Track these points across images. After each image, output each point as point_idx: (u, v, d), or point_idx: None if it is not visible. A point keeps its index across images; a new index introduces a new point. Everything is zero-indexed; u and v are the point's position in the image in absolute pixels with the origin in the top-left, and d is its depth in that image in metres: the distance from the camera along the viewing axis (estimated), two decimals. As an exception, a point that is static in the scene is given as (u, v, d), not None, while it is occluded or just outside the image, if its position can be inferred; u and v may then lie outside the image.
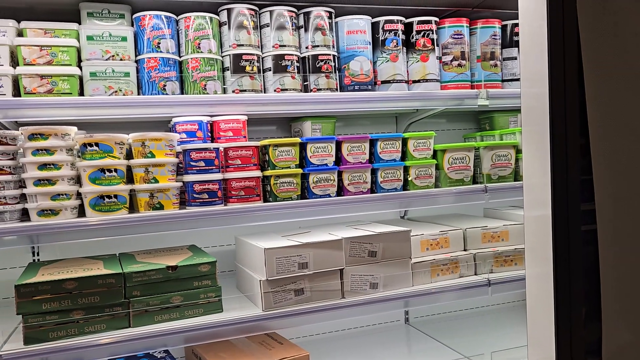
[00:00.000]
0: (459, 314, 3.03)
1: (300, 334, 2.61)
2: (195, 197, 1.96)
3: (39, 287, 1.76)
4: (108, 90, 1.85)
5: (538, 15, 1.43)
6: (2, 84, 1.73)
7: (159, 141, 1.89)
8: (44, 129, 1.77)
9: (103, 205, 1.84)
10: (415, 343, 2.65)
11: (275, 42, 2.06)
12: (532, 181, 1.47)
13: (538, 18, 1.41)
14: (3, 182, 1.75)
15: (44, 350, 1.73)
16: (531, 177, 1.48)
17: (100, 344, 1.79)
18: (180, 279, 1.94)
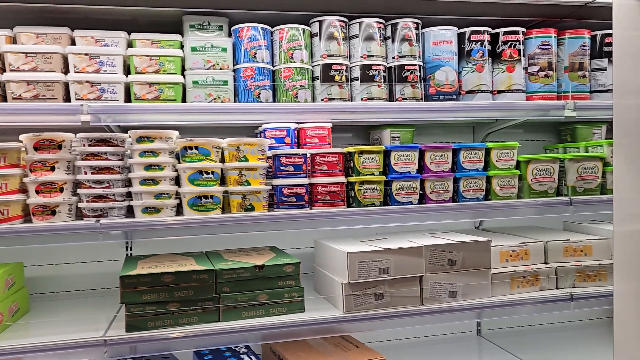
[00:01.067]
0: (533, 328, 2.97)
1: (372, 339, 2.64)
2: (283, 200, 2.04)
3: (141, 279, 1.90)
4: (208, 97, 1.98)
5: (633, 24, 1.41)
6: (116, 90, 1.88)
7: (252, 146, 2.00)
8: (151, 132, 1.91)
9: (200, 205, 1.96)
10: (488, 355, 2.63)
11: (364, 52, 2.12)
12: (623, 195, 1.44)
13: (633, 28, 1.40)
14: (113, 181, 1.91)
15: (143, 338, 1.86)
16: (622, 190, 1.45)
17: (192, 336, 1.89)
18: (267, 278, 2.02)
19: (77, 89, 1.86)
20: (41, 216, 1.85)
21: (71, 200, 1.89)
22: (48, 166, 1.85)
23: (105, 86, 1.87)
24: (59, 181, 1.86)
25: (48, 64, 1.84)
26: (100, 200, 1.89)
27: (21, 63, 1.83)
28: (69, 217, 1.90)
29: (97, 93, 1.87)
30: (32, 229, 1.81)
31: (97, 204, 1.89)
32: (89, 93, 1.86)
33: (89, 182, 1.88)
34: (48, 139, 1.85)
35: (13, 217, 1.83)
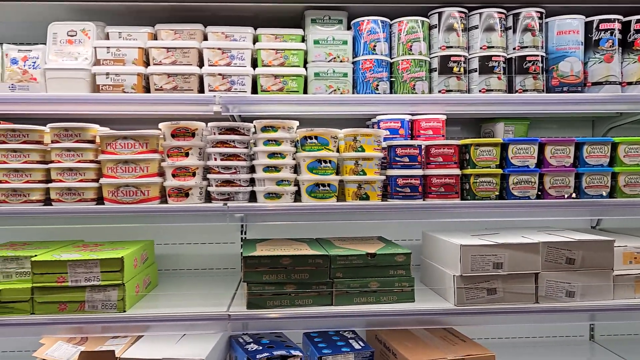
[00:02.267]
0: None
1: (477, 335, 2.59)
2: (398, 190, 2.07)
3: (262, 260, 2.02)
4: (328, 89, 2.05)
5: None
6: (244, 82, 2.01)
7: (369, 137, 2.04)
8: (275, 122, 2.02)
9: (318, 193, 2.04)
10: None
11: (483, 43, 2.09)
12: None
13: None
14: (239, 167, 2.04)
15: (263, 315, 1.98)
16: None
17: (306, 317, 1.98)
18: (378, 266, 2.07)
19: (210, 81, 2.00)
20: (176, 198, 2.03)
21: (202, 184, 2.05)
22: (183, 152, 2.02)
23: (235, 78, 2.00)
24: (192, 166, 2.02)
25: (186, 58, 2.00)
26: (228, 185, 2.03)
27: (163, 57, 2.00)
28: (200, 199, 2.05)
29: (227, 85, 2.01)
30: (168, 209, 1.99)
31: (225, 188, 2.03)
32: (220, 85, 2.00)
33: (218, 167, 2.03)
34: (184, 127, 2.01)
35: (152, 198, 2.01)
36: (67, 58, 1.99)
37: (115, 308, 1.95)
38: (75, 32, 2.01)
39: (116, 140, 1.98)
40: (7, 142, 1.97)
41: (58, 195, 1.98)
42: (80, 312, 1.94)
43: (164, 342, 2.05)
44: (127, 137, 1.98)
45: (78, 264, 1.93)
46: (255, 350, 2.03)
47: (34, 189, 1.98)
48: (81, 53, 2.00)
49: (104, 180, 1.98)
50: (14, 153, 1.97)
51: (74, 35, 2.01)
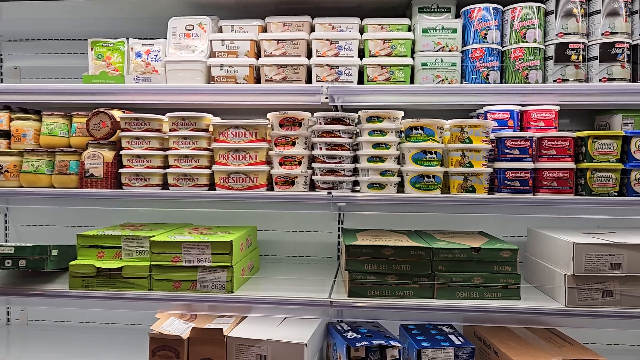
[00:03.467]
0: None
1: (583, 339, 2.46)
2: (506, 183, 2.00)
3: (363, 249, 2.03)
4: (436, 79, 2.02)
5: None
6: (351, 72, 2.02)
7: (477, 128, 1.99)
8: (380, 112, 2.02)
9: (422, 184, 2.02)
10: None
11: (606, 29, 1.96)
12: None
13: None
14: (343, 157, 2.06)
15: (364, 304, 1.99)
16: None
17: (406, 308, 1.97)
18: (482, 261, 2.01)
19: (318, 71, 2.04)
20: (282, 185, 2.09)
21: (307, 173, 2.09)
22: (290, 141, 2.08)
23: (343, 69, 2.02)
24: (299, 155, 2.07)
25: (295, 49, 2.05)
26: (332, 174, 2.06)
27: (273, 49, 2.07)
28: (304, 187, 2.10)
29: (334, 75, 2.03)
30: (275, 196, 2.05)
31: (329, 178, 2.06)
32: (328, 75, 2.03)
33: (323, 157, 2.06)
34: (291, 117, 2.06)
35: (260, 185, 2.09)
36: (185, 51, 2.11)
37: (224, 289, 2.05)
38: (192, 26, 2.12)
39: (228, 129, 2.07)
40: (131, 130, 2.13)
41: (175, 180, 2.12)
42: (192, 290, 2.06)
43: (266, 324, 2.13)
44: (238, 127, 2.07)
45: (191, 245, 2.04)
46: (355, 339, 2.05)
47: (153, 174, 2.13)
48: (198, 46, 2.11)
49: (216, 167, 2.09)
50: (137, 140, 2.13)
51: (191, 29, 2.12)
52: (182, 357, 2.02)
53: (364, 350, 2.02)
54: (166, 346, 2.04)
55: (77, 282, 2.08)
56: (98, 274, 2.07)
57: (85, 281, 2.08)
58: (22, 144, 2.25)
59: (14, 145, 2.27)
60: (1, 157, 2.20)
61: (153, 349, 2.03)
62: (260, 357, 1.99)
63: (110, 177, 2.13)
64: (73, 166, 2.15)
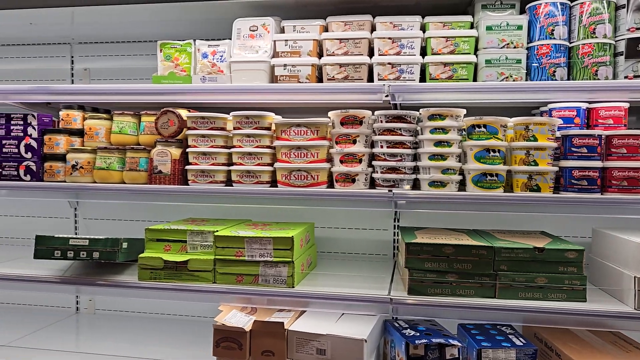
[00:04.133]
0: None
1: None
2: (573, 183, 1.96)
3: (424, 247, 2.03)
4: (500, 76, 2.00)
5: None
6: (413, 70, 2.03)
7: (542, 125, 1.96)
8: (443, 110, 2.02)
9: (484, 182, 2.01)
10: None
11: (682, 23, 1.89)
12: None
13: None
14: (404, 155, 2.07)
15: (424, 302, 2.00)
16: None
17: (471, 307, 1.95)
18: (546, 261, 1.98)
19: (379, 70, 2.05)
20: (343, 183, 2.12)
21: (367, 170, 2.11)
22: (351, 139, 2.10)
23: (404, 67, 2.03)
24: (359, 153, 2.09)
25: (357, 48, 2.07)
26: (393, 172, 2.08)
27: (336, 48, 2.10)
28: (365, 185, 2.13)
29: (396, 74, 2.04)
30: (337, 193, 2.08)
31: (390, 175, 2.08)
32: (389, 74, 2.05)
33: (384, 155, 2.08)
34: (353, 115, 2.09)
35: (321, 182, 2.13)
36: (249, 51, 2.17)
37: (284, 283, 2.10)
38: (256, 27, 2.18)
39: (290, 128, 2.12)
40: (197, 129, 2.21)
41: (238, 177, 2.18)
42: (254, 284, 2.12)
43: (324, 319, 2.16)
44: (300, 125, 2.11)
45: (254, 240, 2.10)
46: (413, 336, 2.06)
47: (218, 171, 2.20)
48: (261, 46, 2.16)
49: (278, 165, 2.14)
50: (202, 138, 2.20)
51: (255, 30, 2.18)
52: (245, 348, 2.08)
53: (423, 348, 2.02)
54: (229, 338, 2.10)
55: (145, 274, 2.17)
56: (165, 266, 2.16)
57: (153, 273, 2.17)
58: (95, 142, 2.37)
59: (87, 142, 2.39)
60: (76, 154, 2.32)
61: (217, 340, 2.10)
62: (320, 351, 2.02)
63: (177, 173, 2.22)
64: (143, 163, 2.25)
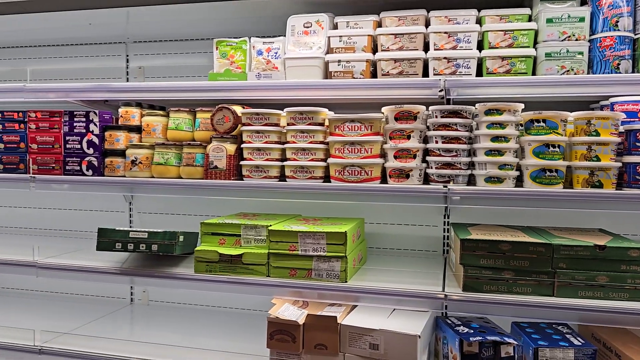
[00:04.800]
0: None
1: None
2: (637, 179, 1.90)
3: (479, 244, 2.01)
4: (560, 69, 1.95)
5: None
6: (469, 65, 2.01)
7: (605, 120, 1.90)
8: (500, 105, 1.99)
9: (543, 178, 1.97)
10: None
11: None
12: None
13: None
14: (460, 150, 2.05)
15: (479, 299, 1.98)
16: None
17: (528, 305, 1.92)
18: (607, 259, 1.92)
19: (435, 65, 2.04)
20: (397, 178, 2.12)
21: (421, 166, 2.11)
22: (405, 135, 2.10)
23: (461, 62, 2.01)
24: (414, 148, 2.09)
25: (412, 43, 2.06)
26: (448, 167, 2.06)
27: (390, 43, 2.09)
28: (419, 181, 2.12)
29: (452, 68, 2.03)
30: (391, 189, 2.08)
31: (445, 171, 2.06)
32: (445, 68, 2.03)
33: (439, 150, 2.06)
34: (407, 110, 2.08)
35: (374, 178, 2.13)
36: (303, 48, 2.19)
37: (337, 278, 2.11)
38: (310, 24, 2.20)
39: (344, 123, 2.13)
40: (252, 125, 2.25)
41: (292, 172, 2.21)
42: (307, 278, 2.14)
43: (376, 315, 2.16)
44: (354, 120, 2.11)
45: (307, 235, 2.12)
46: (467, 333, 2.04)
47: (272, 166, 2.24)
48: (315, 42, 2.18)
49: (331, 160, 2.15)
50: (257, 134, 2.24)
51: (309, 27, 2.20)
52: (298, 342, 2.11)
53: (477, 345, 2.00)
54: (283, 330, 2.14)
55: (201, 267, 2.23)
56: (220, 259, 2.21)
57: (209, 266, 2.23)
58: (152, 138, 2.45)
59: (145, 139, 2.47)
60: (135, 149, 2.40)
61: (271, 333, 2.13)
62: (373, 346, 2.03)
63: (232, 168, 2.26)
64: (199, 158, 2.31)
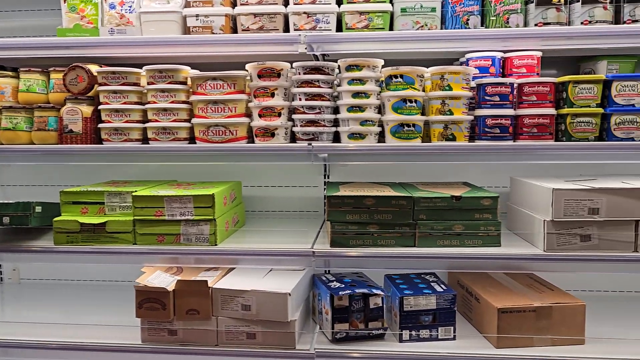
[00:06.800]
0: None
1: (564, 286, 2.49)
2: (486, 131, 2.00)
3: (345, 199, 2.04)
4: (415, 25, 1.98)
5: None
6: (329, 20, 1.99)
7: (457, 75, 1.97)
8: (359, 60, 1.99)
9: (402, 133, 2.01)
10: None
11: (588, -31, 1.92)
12: None
13: None
14: (323, 107, 2.05)
15: (345, 253, 2.02)
16: None
17: (388, 257, 1.99)
18: (463, 209, 2.03)
19: (295, 20, 2.00)
20: (262, 137, 2.08)
21: (287, 124, 2.08)
22: (269, 92, 2.05)
23: (320, 16, 1.99)
24: (278, 106, 2.05)
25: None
26: (312, 125, 2.05)
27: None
28: (285, 139, 2.10)
29: (312, 23, 2.00)
30: (255, 148, 2.05)
31: (309, 129, 2.05)
32: (305, 23, 2.00)
33: (303, 107, 2.05)
34: (270, 67, 2.04)
35: (240, 137, 2.08)
36: (159, 1, 2.06)
37: (207, 241, 2.07)
38: (166, -24, 2.07)
39: (206, 82, 2.05)
40: (109, 84, 2.11)
41: (154, 134, 2.11)
42: (176, 244, 2.08)
43: (251, 276, 2.16)
44: (216, 78, 2.04)
45: (173, 199, 2.05)
46: (338, 288, 2.09)
47: (132, 129, 2.12)
48: (172, -4, 2.06)
49: (195, 120, 2.07)
50: (114, 94, 2.10)
51: (165, -21, 2.07)
52: (168, 308, 2.05)
53: (347, 298, 2.05)
54: (152, 298, 2.07)
55: (62, 238, 2.09)
56: (82, 229, 2.08)
57: (70, 237, 2.09)
58: (0, 102, 2.23)
59: (-8, 103, 2.25)
60: (-21, 114, 2.18)
61: (139, 302, 2.06)
62: (245, 307, 2.02)
63: (90, 132, 2.12)
64: (52, 122, 2.14)
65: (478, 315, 2.16)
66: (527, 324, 2.00)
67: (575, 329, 2.03)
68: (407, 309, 2.05)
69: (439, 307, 2.06)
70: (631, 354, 1.91)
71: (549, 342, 2.01)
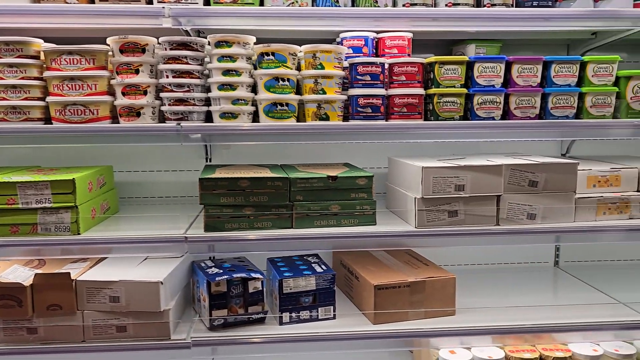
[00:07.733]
0: (617, 264, 2.80)
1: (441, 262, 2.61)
2: (359, 110, 2.01)
3: (219, 182, 1.97)
4: (286, 1, 1.94)
5: None
6: (195, -7, 1.88)
7: (329, 53, 1.95)
8: (229, 36, 1.91)
9: (276, 112, 1.97)
10: (564, 286, 2.53)
11: (451, -50, 1.97)
12: None
13: None
14: (193, 85, 1.95)
15: (220, 237, 1.95)
16: None
17: (266, 239, 1.95)
18: (339, 189, 2.03)
19: (158, -9, 1.88)
20: (127, 117, 1.95)
21: (154, 103, 1.96)
22: (133, 69, 1.92)
23: (186, -11, 1.88)
24: (143, 84, 1.93)
25: (131, -34, 1.86)
26: (181, 104, 1.95)
27: (107, -35, 1.87)
28: (153, 119, 1.97)
29: (178, -4, 1.89)
30: (119, 129, 1.91)
31: (178, 108, 1.95)
32: (170, -4, 1.88)
33: (170, 85, 1.93)
34: (133, 41, 1.90)
35: (102, 117, 1.93)
36: (2, -35, 1.84)
37: (68, 230, 1.91)
38: (10, -64, 1.85)
39: (61, 56, 1.87)
40: (-56, 57, 1.86)
41: (3, 114, 1.89)
42: (32, 234, 1.89)
43: (123, 265, 2.03)
44: (72, 52, 1.87)
45: (28, 185, 1.87)
46: (215, 274, 2.02)
47: (-24, 108, 1.89)
48: (18, -40, 1.85)
49: (50, 99, 1.89)
50: (-49, 69, 1.87)
51: (9, -60, 1.85)
52: (26, 305, 1.88)
53: (225, 284, 1.99)
54: (6, 295, 1.88)
55: None
56: None
57: None
58: None
59: None
60: None
61: (-9, 299, 1.87)
62: (113, 298, 1.90)
63: None
64: None
65: (358, 294, 2.19)
66: (402, 299, 2.06)
67: (447, 301, 2.12)
68: (286, 291, 2.03)
69: (318, 288, 2.06)
70: (496, 322, 2.04)
71: (422, 315, 2.08)
